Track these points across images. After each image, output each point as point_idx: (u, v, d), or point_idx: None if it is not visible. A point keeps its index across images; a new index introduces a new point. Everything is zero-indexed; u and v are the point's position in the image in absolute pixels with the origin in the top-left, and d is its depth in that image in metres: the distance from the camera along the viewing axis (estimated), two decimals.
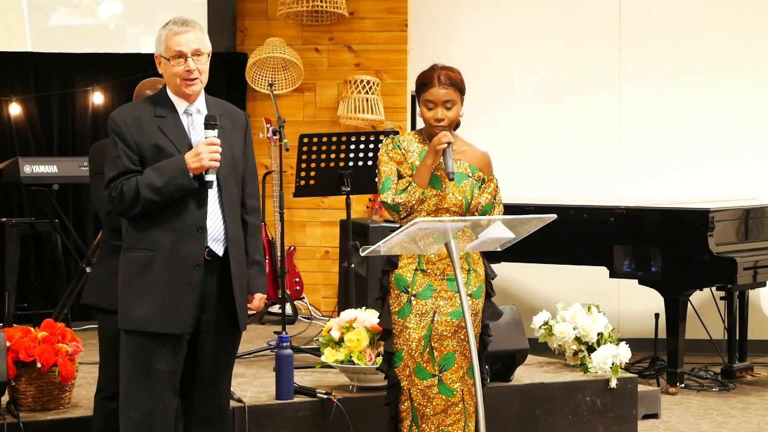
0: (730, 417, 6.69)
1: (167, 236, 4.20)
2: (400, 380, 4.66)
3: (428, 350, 4.61)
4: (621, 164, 8.98)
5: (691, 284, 7.23)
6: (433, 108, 4.65)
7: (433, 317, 4.61)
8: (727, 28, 8.89)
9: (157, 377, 4.22)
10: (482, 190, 4.71)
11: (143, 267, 4.21)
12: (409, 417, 4.66)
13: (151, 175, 4.17)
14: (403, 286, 4.64)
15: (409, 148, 4.72)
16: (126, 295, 4.26)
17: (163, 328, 4.21)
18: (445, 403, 4.62)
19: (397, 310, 4.65)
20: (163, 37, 4.31)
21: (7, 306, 7.56)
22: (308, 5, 8.65)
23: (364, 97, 8.73)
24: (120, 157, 4.20)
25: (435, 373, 4.61)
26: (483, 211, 4.69)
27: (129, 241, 4.27)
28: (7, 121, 8.55)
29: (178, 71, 4.25)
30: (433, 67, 4.70)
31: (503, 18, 9.09)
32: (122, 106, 4.39)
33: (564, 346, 6.66)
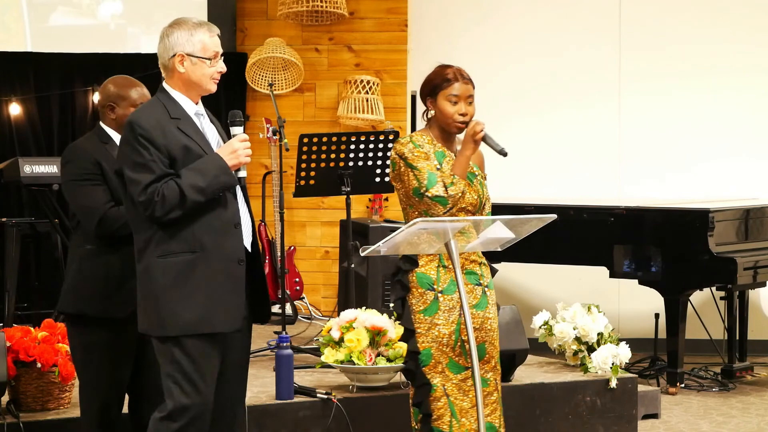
0: (730, 417, 6.69)
1: (208, 236, 4.16)
2: (431, 378, 4.65)
3: (459, 344, 4.65)
4: (621, 164, 8.98)
5: (691, 284, 7.23)
6: (457, 103, 4.68)
7: (459, 311, 4.64)
8: (727, 28, 8.89)
9: (207, 378, 4.19)
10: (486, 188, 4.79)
11: (187, 270, 4.15)
12: (448, 413, 4.66)
13: (192, 176, 4.12)
14: (428, 283, 4.65)
15: (423, 148, 4.74)
16: (169, 301, 4.14)
17: (223, 326, 4.19)
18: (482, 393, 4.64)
19: (422, 308, 4.65)
20: (199, 37, 4.29)
21: (7, 306, 7.56)
22: (308, 5, 8.65)
23: (364, 97, 8.73)
24: (154, 161, 4.12)
25: (467, 365, 4.64)
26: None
27: (159, 245, 4.15)
28: (7, 121, 8.56)
29: (212, 72, 4.26)
30: (444, 66, 4.75)
31: (503, 18, 9.09)
32: (139, 110, 4.28)
33: (564, 346, 6.66)
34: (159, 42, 4.33)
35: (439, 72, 4.75)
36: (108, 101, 4.66)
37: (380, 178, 6.84)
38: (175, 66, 4.26)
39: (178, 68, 4.25)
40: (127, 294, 4.46)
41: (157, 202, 4.09)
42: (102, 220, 4.50)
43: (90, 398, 4.61)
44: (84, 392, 4.62)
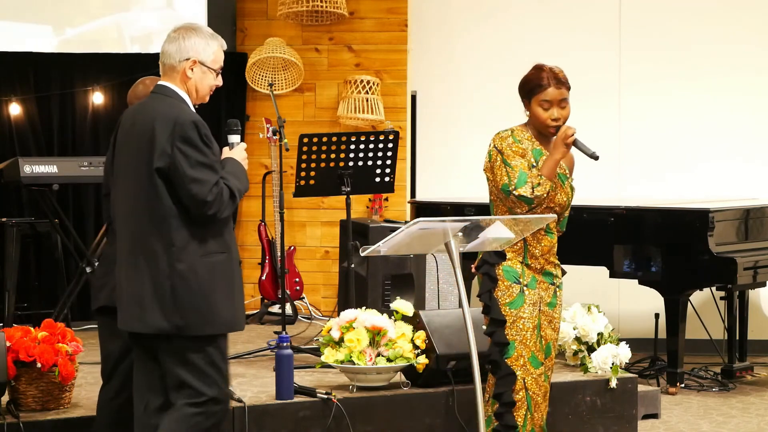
0: (730, 417, 6.68)
1: (230, 237, 4.32)
2: (514, 369, 4.77)
3: (539, 339, 4.80)
4: (621, 164, 8.98)
5: (691, 284, 7.23)
6: (549, 108, 4.74)
7: (539, 307, 4.83)
8: (728, 29, 8.89)
9: (228, 374, 4.38)
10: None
11: (223, 269, 4.26)
12: (524, 406, 4.80)
13: (235, 180, 4.26)
14: (514, 277, 4.79)
15: (523, 144, 4.79)
16: (215, 299, 4.23)
17: (243, 326, 4.39)
18: (545, 390, 4.85)
19: (509, 301, 4.78)
20: (213, 48, 4.35)
21: (7, 306, 7.55)
22: (308, 5, 8.65)
23: (364, 97, 8.73)
24: (217, 162, 4.25)
25: (543, 361, 4.82)
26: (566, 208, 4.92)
27: (200, 245, 4.22)
28: (7, 121, 8.55)
29: (214, 84, 4.39)
30: (540, 67, 4.81)
31: (503, 18, 9.09)
32: (187, 110, 4.31)
33: (564, 346, 6.66)
34: (170, 41, 4.33)
35: (534, 75, 4.79)
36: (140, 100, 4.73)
37: (380, 178, 6.84)
38: (185, 70, 4.31)
39: (188, 72, 4.31)
40: None
41: (214, 202, 4.16)
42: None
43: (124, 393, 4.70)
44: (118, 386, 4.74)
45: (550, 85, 4.74)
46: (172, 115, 4.22)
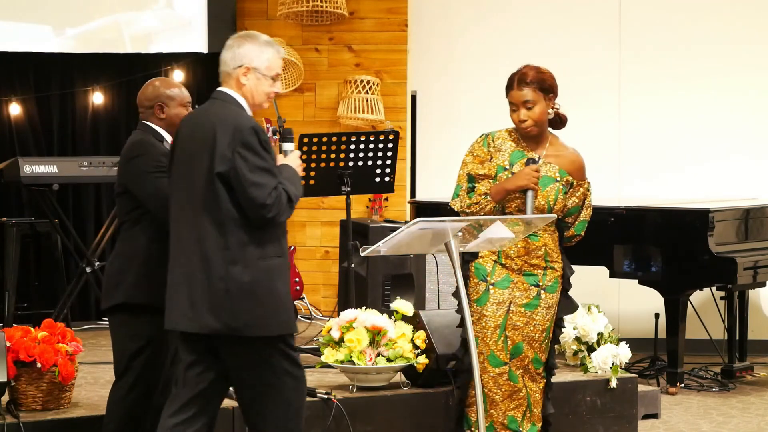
0: (730, 417, 6.68)
1: (285, 241, 4.41)
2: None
3: (502, 339, 4.79)
4: (621, 164, 8.98)
5: (691, 284, 7.23)
6: (516, 110, 4.76)
7: (509, 307, 4.79)
8: (728, 29, 8.89)
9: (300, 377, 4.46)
10: (570, 194, 4.86)
11: (280, 272, 4.34)
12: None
13: (291, 185, 4.33)
14: (483, 274, 4.82)
15: (501, 146, 4.83)
16: (274, 301, 4.31)
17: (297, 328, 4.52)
18: (512, 389, 4.83)
19: (475, 298, 4.83)
20: (268, 56, 4.43)
21: (7, 306, 7.55)
22: (308, 5, 8.65)
23: (364, 97, 8.73)
24: (275, 167, 4.31)
25: (506, 361, 4.81)
26: (568, 213, 4.87)
27: (259, 248, 4.29)
28: (7, 121, 8.55)
29: (271, 91, 4.44)
30: (518, 69, 4.85)
31: (503, 18, 9.09)
32: (247, 116, 4.37)
33: (564, 346, 6.66)
34: (226, 49, 4.44)
35: (510, 75, 4.83)
36: (158, 100, 4.83)
37: (380, 178, 6.84)
38: (239, 77, 4.39)
39: (242, 79, 4.39)
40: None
41: (273, 205, 4.24)
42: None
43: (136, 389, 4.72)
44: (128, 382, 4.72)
45: (514, 86, 4.78)
46: (231, 120, 4.30)
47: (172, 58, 8.82)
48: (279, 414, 4.38)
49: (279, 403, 4.37)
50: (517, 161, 4.78)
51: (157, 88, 4.87)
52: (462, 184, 4.82)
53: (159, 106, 4.83)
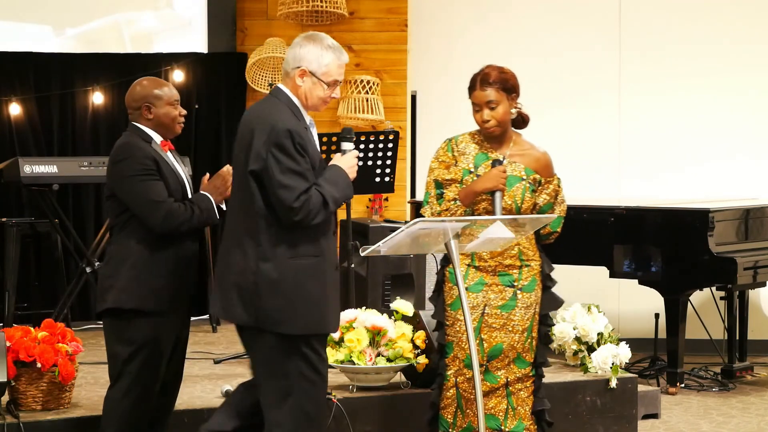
0: (730, 417, 6.68)
1: (326, 242, 4.40)
2: (448, 369, 4.82)
3: (477, 342, 4.77)
4: (621, 164, 8.98)
5: (691, 284, 7.23)
6: (479, 110, 4.75)
7: (483, 310, 4.77)
8: (728, 29, 8.89)
9: (326, 373, 4.47)
10: (540, 192, 4.87)
11: (314, 272, 4.36)
12: (454, 404, 4.85)
13: (330, 187, 4.35)
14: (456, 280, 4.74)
15: (465, 150, 4.83)
16: (302, 300, 4.33)
17: (334, 328, 4.51)
18: (488, 388, 4.81)
19: (450, 302, 4.82)
20: (327, 61, 4.45)
21: (7, 306, 7.55)
22: (308, 5, 8.65)
23: (364, 97, 8.73)
24: (309, 170, 4.32)
25: (482, 363, 4.79)
26: (540, 211, 4.87)
27: (290, 248, 4.32)
28: (7, 121, 8.55)
29: (326, 96, 4.46)
30: (481, 68, 4.84)
31: (503, 18, 9.09)
32: (284, 117, 4.39)
33: (564, 346, 6.66)
34: (290, 47, 4.49)
35: (472, 76, 4.81)
36: (145, 101, 4.78)
37: (380, 178, 6.84)
38: (296, 77, 4.42)
39: (297, 81, 4.42)
40: (177, 289, 4.67)
41: (310, 209, 4.27)
42: (168, 214, 4.61)
43: (129, 394, 4.69)
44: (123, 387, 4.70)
45: (476, 87, 4.78)
46: (271, 120, 4.33)
47: (172, 58, 8.82)
48: (287, 416, 4.36)
49: (289, 407, 4.36)
50: (482, 163, 4.79)
51: (144, 87, 4.81)
52: (430, 191, 4.82)
53: (146, 107, 4.78)
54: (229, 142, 8.79)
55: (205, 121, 8.77)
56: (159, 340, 4.67)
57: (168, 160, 4.77)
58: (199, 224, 4.70)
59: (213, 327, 8.12)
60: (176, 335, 4.77)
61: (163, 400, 4.84)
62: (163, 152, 4.78)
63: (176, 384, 4.91)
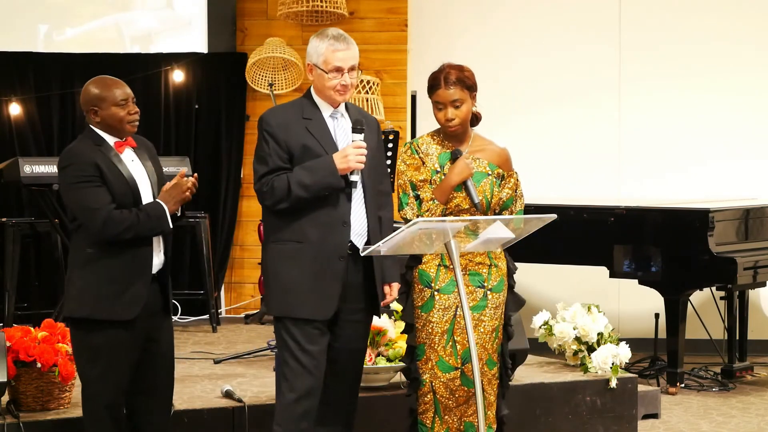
0: (730, 417, 6.68)
1: (314, 229, 4.52)
2: (422, 373, 4.77)
3: (451, 344, 4.73)
4: (621, 164, 8.98)
5: (691, 284, 7.23)
6: (443, 109, 4.74)
7: (455, 311, 4.73)
8: (728, 28, 8.89)
9: (309, 360, 4.52)
10: (502, 186, 4.83)
11: (293, 257, 4.52)
12: (432, 409, 4.78)
13: (302, 173, 4.48)
14: (427, 281, 4.76)
15: (427, 151, 4.82)
16: (277, 283, 4.55)
17: (311, 314, 4.52)
18: (466, 394, 4.75)
19: (420, 304, 4.78)
20: (322, 50, 4.56)
21: (7, 306, 7.56)
22: (308, 5, 8.65)
23: (364, 97, 8.73)
24: (271, 155, 4.51)
25: (457, 365, 4.74)
26: (504, 206, 4.83)
27: (274, 233, 4.57)
28: (7, 121, 8.55)
29: (333, 84, 4.56)
30: (441, 67, 4.83)
31: (503, 18, 9.09)
32: (272, 108, 4.69)
33: (564, 346, 6.66)
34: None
35: (430, 76, 4.82)
36: (90, 104, 4.67)
37: None
38: (308, 73, 4.64)
39: (309, 76, 4.63)
40: (132, 296, 4.54)
41: (266, 192, 4.50)
42: (107, 221, 4.52)
43: (95, 401, 4.62)
44: (88, 395, 4.64)
45: (441, 85, 4.75)
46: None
47: (172, 58, 8.82)
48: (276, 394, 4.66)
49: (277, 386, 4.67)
50: (447, 161, 4.79)
51: (88, 91, 4.67)
52: (408, 192, 4.79)
53: (92, 110, 4.65)
54: (228, 142, 8.80)
55: (205, 121, 8.77)
56: (118, 347, 4.58)
57: (121, 163, 4.65)
58: (147, 232, 4.57)
59: (213, 327, 8.11)
60: (145, 338, 4.67)
61: (152, 402, 4.80)
62: (119, 154, 4.65)
63: (165, 385, 4.84)
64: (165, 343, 4.80)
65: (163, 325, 4.80)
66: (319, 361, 4.54)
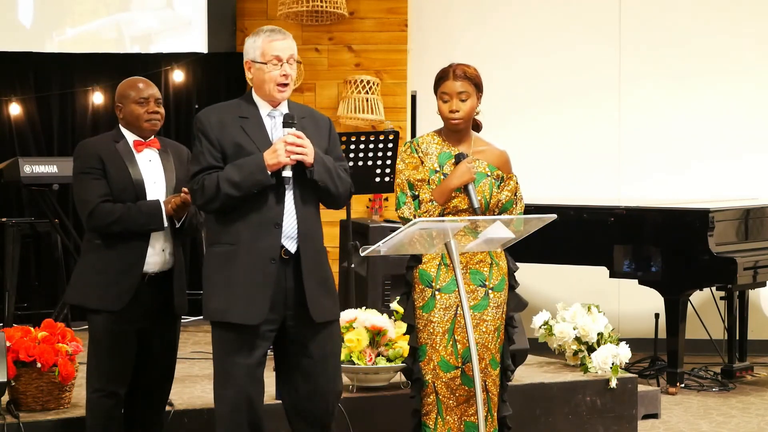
0: (730, 417, 6.69)
1: (246, 231, 4.39)
2: (424, 374, 4.76)
3: (452, 343, 4.73)
4: (621, 164, 8.98)
5: (691, 284, 7.23)
6: (449, 100, 4.74)
7: (456, 311, 4.72)
8: (727, 27, 8.89)
9: (238, 368, 4.39)
10: (501, 188, 4.83)
11: (225, 260, 4.40)
12: (435, 410, 4.77)
13: (231, 170, 4.35)
14: (427, 281, 4.75)
15: (428, 150, 4.81)
16: (209, 287, 4.46)
17: (239, 318, 4.37)
18: (467, 393, 4.74)
19: (421, 304, 4.76)
20: (259, 43, 4.47)
21: (7, 306, 7.55)
22: (308, 5, 8.65)
23: (364, 97, 8.73)
24: (203, 153, 4.40)
25: (458, 365, 4.73)
26: (503, 208, 4.82)
27: (212, 235, 4.46)
28: (7, 121, 8.56)
29: (274, 75, 4.44)
30: (450, 64, 4.83)
31: (503, 18, 9.10)
32: (209, 107, 4.55)
33: (564, 346, 6.66)
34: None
35: (441, 70, 4.82)
36: (117, 101, 4.85)
37: (380, 178, 6.84)
38: (246, 72, 4.51)
39: (247, 74, 4.51)
40: (122, 287, 4.63)
41: (197, 191, 4.38)
42: (93, 213, 4.65)
43: (89, 384, 4.75)
44: (87, 381, 4.77)
45: (450, 77, 4.76)
46: None
47: (172, 58, 8.83)
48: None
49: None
50: (446, 161, 4.78)
51: (118, 88, 4.86)
52: (405, 191, 4.78)
53: (118, 107, 4.83)
54: None
55: None
56: (110, 336, 4.67)
57: (133, 161, 4.74)
58: (137, 227, 4.65)
59: None
60: (140, 336, 4.73)
61: (146, 401, 4.83)
62: (136, 152, 4.76)
63: (160, 387, 4.88)
64: (163, 346, 4.82)
65: (164, 328, 4.83)
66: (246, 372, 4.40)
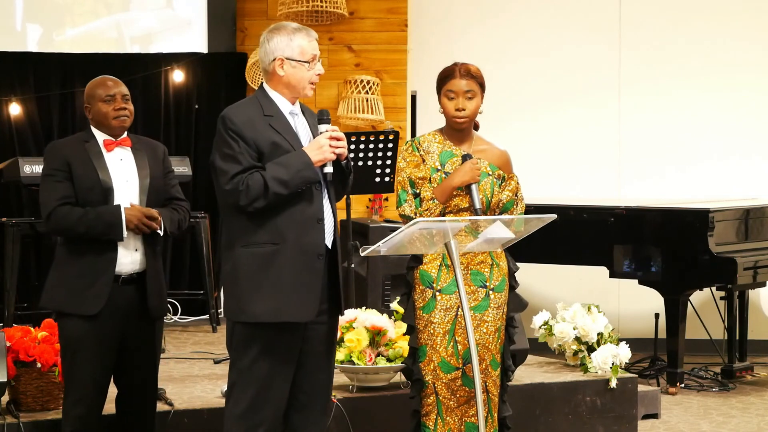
0: (730, 417, 6.69)
1: (290, 228, 4.32)
2: (424, 375, 4.76)
3: (452, 344, 4.73)
4: (621, 164, 8.98)
5: (691, 284, 7.23)
6: (455, 98, 4.74)
7: (457, 311, 4.72)
8: (727, 28, 8.89)
9: (274, 366, 4.33)
10: (503, 188, 4.83)
11: (268, 260, 4.30)
12: (435, 411, 4.77)
13: (276, 169, 4.28)
14: (428, 281, 4.75)
15: (429, 149, 4.81)
16: (248, 289, 4.31)
17: (294, 317, 4.31)
18: (467, 394, 4.74)
19: (422, 305, 4.76)
20: (296, 42, 4.40)
21: (7, 306, 7.55)
22: (308, 5, 8.65)
23: (364, 97, 8.73)
24: (242, 154, 4.30)
25: (459, 366, 4.73)
26: (504, 208, 4.82)
27: (246, 236, 4.32)
28: (7, 121, 8.55)
29: (311, 74, 4.41)
30: (454, 63, 4.83)
31: (503, 18, 9.09)
32: (232, 106, 4.45)
33: (564, 346, 6.66)
34: (259, 47, 4.47)
35: (445, 68, 4.83)
36: (85, 103, 4.80)
37: (380, 178, 6.84)
38: (275, 69, 4.41)
39: (278, 71, 4.41)
40: (95, 292, 4.59)
41: (241, 192, 4.25)
42: (50, 216, 4.63)
43: (67, 392, 4.70)
44: (64, 387, 4.74)
45: (456, 75, 4.76)
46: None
47: (172, 58, 8.82)
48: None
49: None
50: (448, 160, 4.78)
51: (86, 89, 4.79)
52: (406, 189, 4.78)
53: (86, 108, 4.77)
54: None
55: (205, 121, 8.77)
56: (83, 341, 4.63)
57: (102, 161, 4.69)
58: (96, 234, 4.60)
59: (213, 327, 8.11)
60: (120, 340, 4.70)
61: (135, 403, 4.81)
62: (106, 152, 4.71)
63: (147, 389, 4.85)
64: (145, 349, 4.78)
65: (145, 331, 4.78)
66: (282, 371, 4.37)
